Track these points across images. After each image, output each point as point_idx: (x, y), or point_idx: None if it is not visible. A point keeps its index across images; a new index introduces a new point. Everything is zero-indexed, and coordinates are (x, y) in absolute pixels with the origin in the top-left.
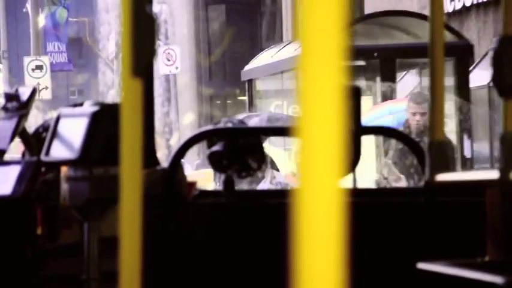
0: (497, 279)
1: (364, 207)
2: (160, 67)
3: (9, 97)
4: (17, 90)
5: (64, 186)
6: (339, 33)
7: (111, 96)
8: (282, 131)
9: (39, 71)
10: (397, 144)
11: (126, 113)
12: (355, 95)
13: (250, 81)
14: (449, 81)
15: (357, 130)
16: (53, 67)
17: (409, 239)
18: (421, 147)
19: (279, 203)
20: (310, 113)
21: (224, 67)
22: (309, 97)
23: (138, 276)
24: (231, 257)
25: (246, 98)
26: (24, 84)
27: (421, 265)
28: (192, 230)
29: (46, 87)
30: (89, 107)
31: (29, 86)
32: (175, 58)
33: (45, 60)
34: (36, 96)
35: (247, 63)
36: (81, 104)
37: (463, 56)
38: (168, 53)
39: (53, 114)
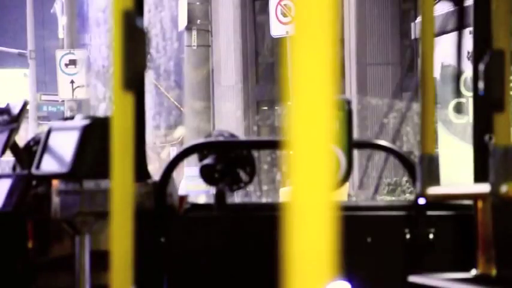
0: None
1: (355, 220)
2: (273, 26)
3: (0, 111)
4: (8, 104)
5: (55, 200)
6: (331, 46)
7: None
8: (274, 145)
9: (73, 66)
10: None
11: (118, 126)
12: (346, 109)
13: None
14: None
15: (348, 144)
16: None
17: (401, 252)
18: (412, 162)
19: (270, 216)
20: (301, 126)
21: (272, 69)
22: (300, 111)
23: None
24: (222, 270)
25: None
26: (56, 82)
27: (413, 278)
28: (184, 243)
29: (81, 86)
30: (80, 121)
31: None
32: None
33: (80, 54)
34: (70, 96)
35: None
36: (72, 118)
37: None
38: (285, 5)
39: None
